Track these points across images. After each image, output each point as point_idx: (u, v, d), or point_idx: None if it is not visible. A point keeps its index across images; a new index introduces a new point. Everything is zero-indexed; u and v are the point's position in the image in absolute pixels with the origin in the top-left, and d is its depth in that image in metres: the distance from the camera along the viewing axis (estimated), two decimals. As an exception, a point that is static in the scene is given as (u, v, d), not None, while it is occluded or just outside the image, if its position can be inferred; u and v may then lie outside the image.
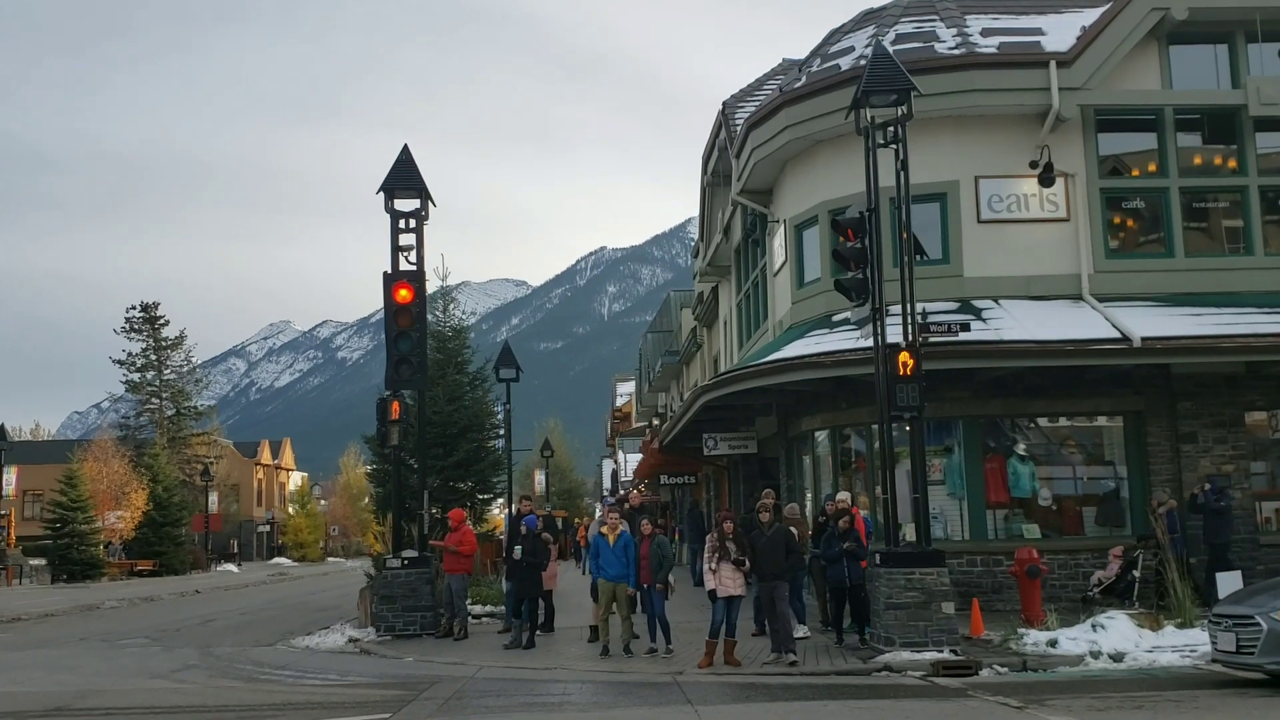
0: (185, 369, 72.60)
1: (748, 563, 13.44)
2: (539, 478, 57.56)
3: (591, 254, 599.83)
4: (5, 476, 46.74)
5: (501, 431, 28.28)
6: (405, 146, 19.06)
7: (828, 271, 19.22)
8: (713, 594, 13.53)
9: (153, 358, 70.73)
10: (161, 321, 71.26)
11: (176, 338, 71.72)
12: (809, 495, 21.24)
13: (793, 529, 14.86)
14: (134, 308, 71.15)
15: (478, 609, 19.78)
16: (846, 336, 17.58)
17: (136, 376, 70.27)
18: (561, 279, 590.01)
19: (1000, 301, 18.47)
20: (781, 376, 18.38)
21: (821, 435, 20.86)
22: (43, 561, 49.91)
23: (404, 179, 18.73)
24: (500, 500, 30.96)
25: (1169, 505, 17.26)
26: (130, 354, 70.28)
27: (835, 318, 18.98)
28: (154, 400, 70.49)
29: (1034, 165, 18.81)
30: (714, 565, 13.55)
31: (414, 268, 18.48)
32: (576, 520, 69.19)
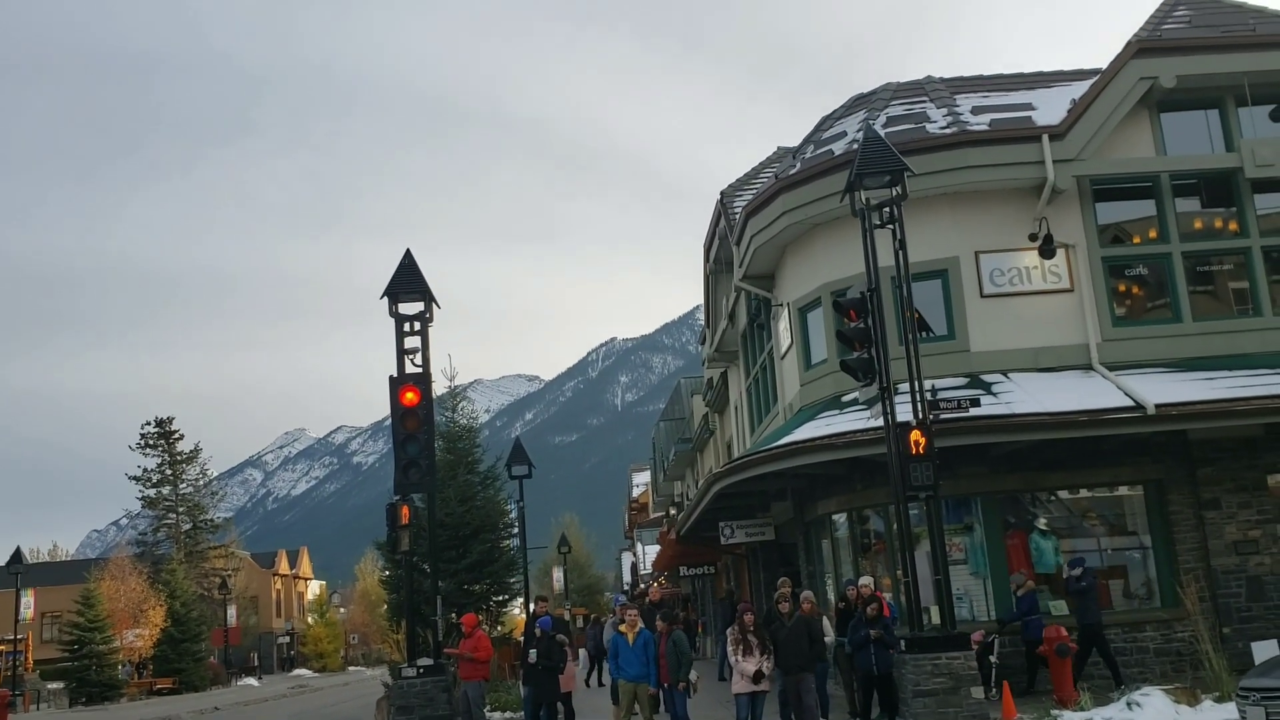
0: (201, 482, 72.63)
1: (771, 656, 13.14)
2: (557, 575, 56.93)
3: (602, 345, 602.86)
4: (23, 600, 46.38)
5: (515, 530, 28.02)
6: (408, 251, 19.18)
7: (834, 352, 19.15)
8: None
9: (168, 472, 70.78)
10: (176, 436, 71.47)
11: (192, 451, 71.87)
12: (829, 580, 20.88)
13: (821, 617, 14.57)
14: (149, 424, 71.47)
15: (497, 715, 19.36)
16: (857, 417, 17.43)
17: (153, 492, 70.24)
18: (573, 371, 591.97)
19: (1009, 375, 18.33)
20: (793, 460, 18.19)
21: (839, 518, 20.58)
22: (61, 685, 49.31)
23: (407, 283, 18.81)
24: (518, 600, 30.58)
25: (1027, 587, 16.81)
26: (146, 470, 70.39)
27: (845, 398, 18.85)
28: (171, 515, 70.34)
29: (1033, 237, 18.83)
30: (736, 659, 13.25)
31: (420, 370, 18.46)
32: (595, 616, 68.18)
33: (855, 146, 17.75)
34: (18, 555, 46.40)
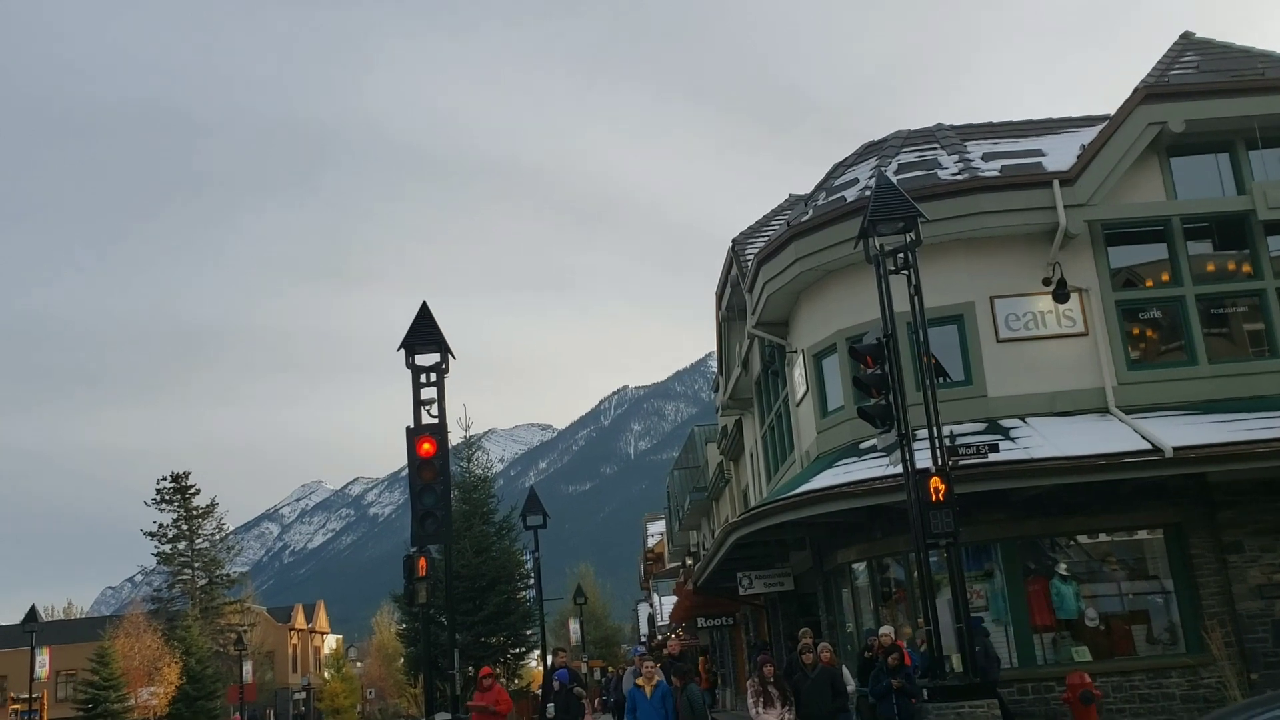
0: (217, 537, 72.56)
1: (793, 707, 13.03)
2: (574, 627, 56.53)
3: (614, 393, 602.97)
4: (38, 659, 46.22)
5: (532, 581, 27.90)
6: (424, 304, 19.30)
7: (850, 399, 19.13)
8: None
9: (184, 528, 70.72)
10: (192, 491, 71.47)
11: (207, 506, 71.83)
12: (850, 630, 20.70)
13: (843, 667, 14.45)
14: (164, 479, 71.53)
15: (517, 770, 19.17)
16: (876, 464, 17.38)
17: (168, 548, 70.15)
18: (586, 420, 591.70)
19: (1027, 419, 18.28)
20: (811, 509, 18.12)
21: (859, 567, 20.44)
22: (75, 744, 49.02)
23: (423, 335, 18.91)
24: (535, 652, 30.36)
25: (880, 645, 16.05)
26: (161, 525, 70.36)
27: (863, 445, 18.80)
28: (186, 571, 70.20)
29: (1047, 282, 18.87)
30: (757, 711, 13.14)
31: (436, 421, 18.51)
32: (611, 669, 67.62)
33: (868, 193, 17.87)
34: (33, 613, 46.31)
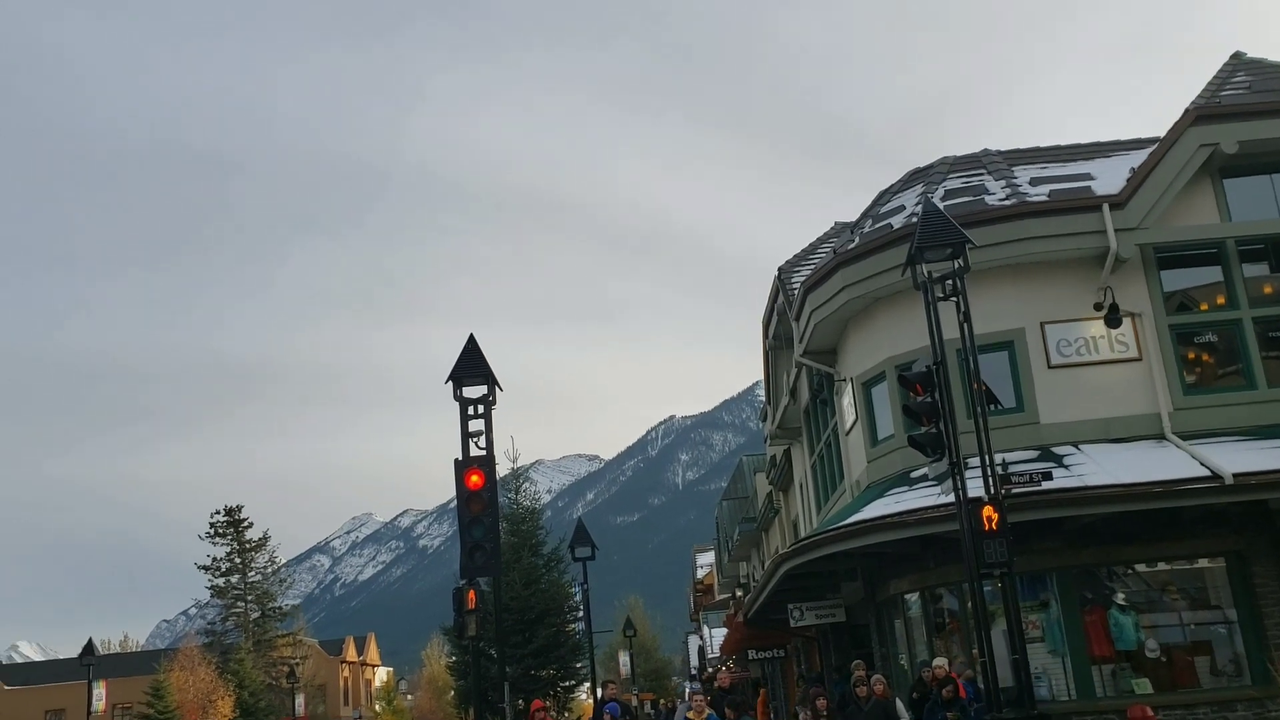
0: (270, 570, 73.06)
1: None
2: (623, 659, 56.27)
3: (661, 423, 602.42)
4: (95, 692, 46.76)
5: (580, 614, 27.82)
6: (471, 336, 19.42)
7: (900, 428, 18.96)
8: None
9: (237, 561, 71.34)
10: (245, 524, 72.15)
11: (260, 539, 72.47)
12: (904, 661, 20.41)
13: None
14: (218, 512, 72.26)
15: (567, 804, 19.06)
16: (927, 493, 17.18)
17: (221, 581, 70.77)
18: (633, 450, 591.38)
19: (1081, 446, 18.00)
20: (862, 539, 17.92)
21: (911, 597, 20.17)
22: (131, 777, 49.45)
23: (471, 367, 19.02)
24: (585, 685, 30.24)
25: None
26: (215, 558, 71.01)
27: (914, 474, 18.60)
28: (239, 604, 70.76)
29: (1098, 307, 18.62)
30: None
31: (484, 453, 18.58)
32: (663, 702, 67.13)
33: (914, 220, 17.77)
34: (90, 647, 46.92)
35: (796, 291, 23.29)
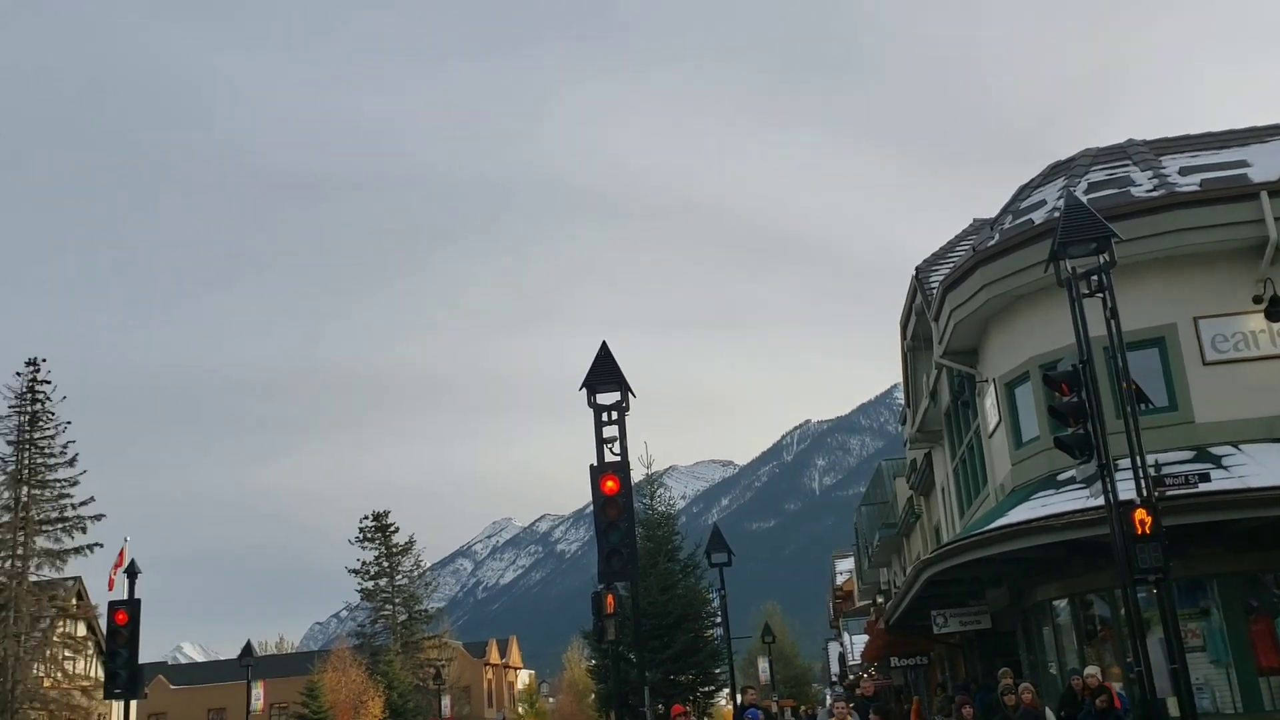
0: (415, 573, 74.97)
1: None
2: (762, 665, 55.87)
3: (796, 428, 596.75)
4: (254, 692, 48.77)
5: (718, 619, 27.77)
6: (604, 343, 19.61)
7: (1046, 429, 18.39)
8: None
9: (385, 564, 73.38)
10: (392, 529, 74.21)
11: (406, 543, 74.42)
12: (1053, 669, 19.75)
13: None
14: (366, 517, 74.50)
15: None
16: (1074, 496, 16.60)
17: (370, 584, 72.90)
18: (768, 456, 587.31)
19: (1240, 446, 17.13)
20: (1008, 545, 17.42)
21: (1060, 604, 19.51)
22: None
23: (604, 374, 19.20)
24: (724, 691, 30.16)
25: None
26: (364, 562, 73.23)
27: (1060, 477, 18.01)
28: (387, 606, 72.77)
29: (1258, 300, 17.70)
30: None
31: (618, 459, 18.71)
32: (804, 708, 66.38)
33: (1056, 214, 17.22)
34: (248, 649, 48.96)
35: (935, 291, 22.82)
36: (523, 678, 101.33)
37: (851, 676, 42.13)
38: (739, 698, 21.37)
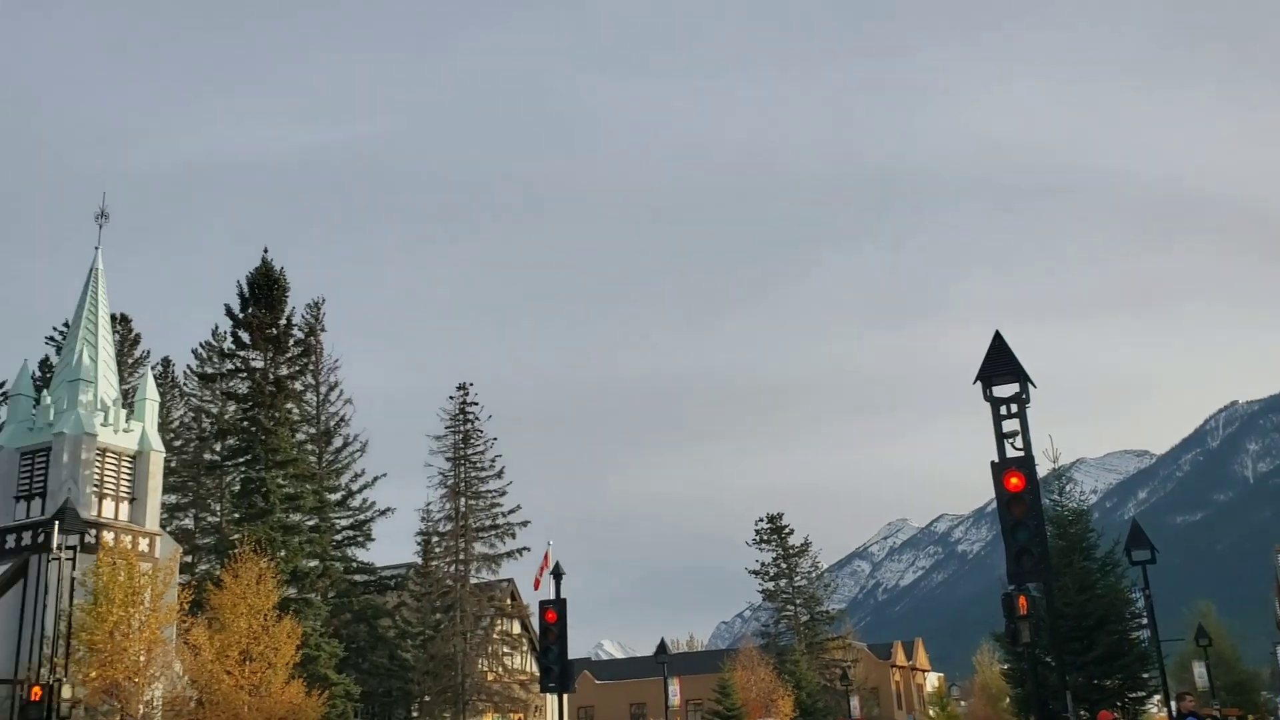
0: (814, 574, 75.74)
1: None
2: (1198, 670, 51.22)
3: (1221, 411, 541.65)
4: (670, 688, 51.19)
5: (1144, 620, 25.85)
6: (997, 333, 18.92)
7: None
8: None
9: (783, 566, 74.69)
10: (787, 531, 75.44)
11: (802, 545, 75.40)
12: None
13: None
14: (761, 520, 76.22)
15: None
16: None
17: (770, 585, 74.50)
18: (1189, 443, 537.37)
19: None
20: None
21: None
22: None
23: (999, 365, 18.52)
24: (1156, 697, 27.98)
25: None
26: (763, 564, 74.96)
27: None
28: (789, 607, 73.97)
29: None
30: None
31: (1021, 454, 17.96)
32: (1251, 718, 60.03)
33: None
34: (663, 646, 51.55)
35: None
36: (931, 680, 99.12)
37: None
38: (1175, 705, 19.78)
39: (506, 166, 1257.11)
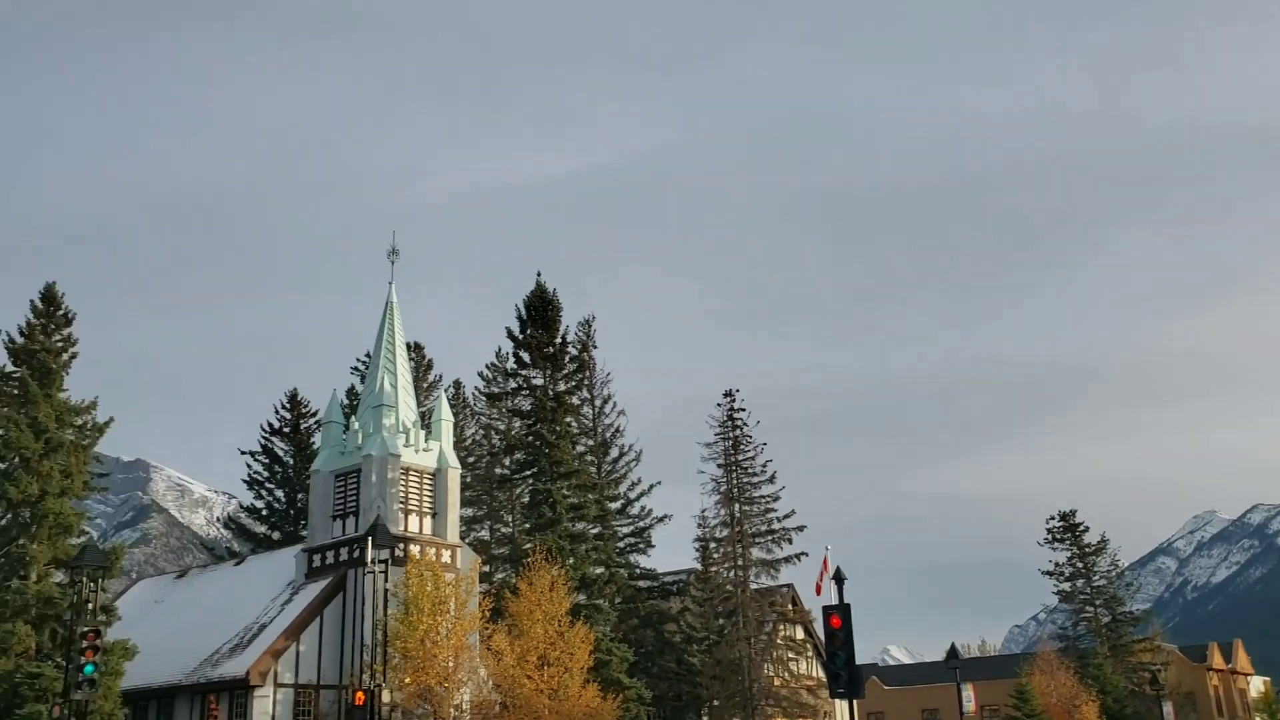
0: (1113, 573, 71.53)
1: None
2: None
3: None
4: (964, 694, 49.59)
5: None
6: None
7: None
8: None
9: (1079, 565, 70.92)
10: (1081, 528, 71.61)
11: (1099, 543, 71.36)
12: None
13: None
14: (1053, 518, 72.65)
15: None
16: None
17: (1066, 586, 70.92)
18: None
19: None
20: None
21: None
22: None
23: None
24: None
25: None
26: (1056, 564, 71.41)
27: None
28: (1088, 608, 70.12)
29: None
30: None
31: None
32: None
33: None
34: (953, 651, 49.97)
35: None
36: (1256, 685, 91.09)
37: None
38: None
39: (765, 177, 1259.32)
